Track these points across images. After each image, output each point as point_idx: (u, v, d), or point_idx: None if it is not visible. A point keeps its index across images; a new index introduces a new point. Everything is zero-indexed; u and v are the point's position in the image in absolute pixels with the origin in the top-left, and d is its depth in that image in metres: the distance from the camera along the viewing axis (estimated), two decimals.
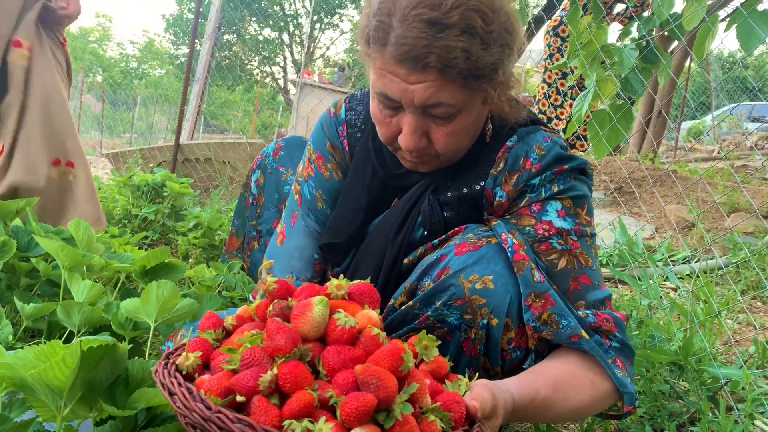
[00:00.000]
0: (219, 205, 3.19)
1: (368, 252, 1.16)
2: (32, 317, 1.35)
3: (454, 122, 1.02)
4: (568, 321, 0.99)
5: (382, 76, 0.99)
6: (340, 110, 1.29)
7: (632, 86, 2.51)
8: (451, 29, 0.92)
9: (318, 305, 0.80)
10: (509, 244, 1.01)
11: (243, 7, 12.14)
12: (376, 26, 0.97)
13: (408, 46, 0.93)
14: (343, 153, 1.29)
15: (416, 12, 0.92)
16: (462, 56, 0.93)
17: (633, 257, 2.67)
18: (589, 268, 1.06)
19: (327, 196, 1.29)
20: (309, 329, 0.79)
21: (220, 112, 13.35)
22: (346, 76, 9.62)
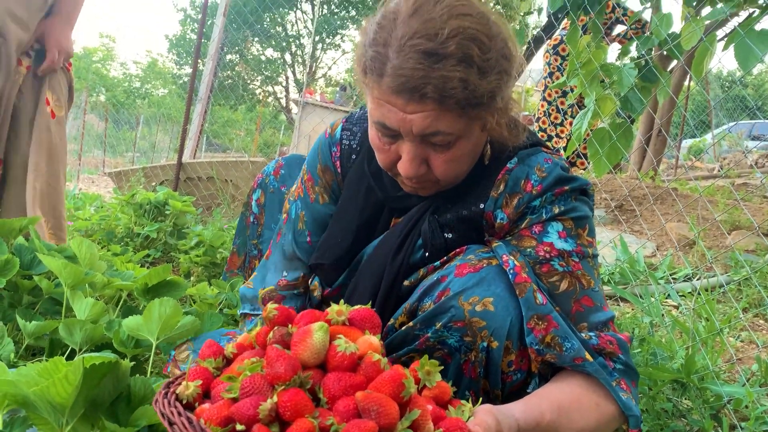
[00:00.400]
0: (221, 224, 3.20)
1: (367, 273, 1.15)
2: (34, 335, 1.35)
3: (453, 149, 1.02)
4: (571, 343, 0.98)
5: (380, 106, 0.99)
6: (335, 130, 1.29)
7: (632, 105, 2.53)
8: (447, 59, 0.92)
9: (318, 331, 0.80)
10: (510, 266, 1.01)
11: (246, 27, 12.25)
12: (372, 56, 0.97)
13: (405, 77, 0.93)
14: (335, 174, 1.28)
15: (412, 42, 0.92)
16: (459, 86, 0.93)
17: (634, 275, 2.67)
18: (591, 289, 1.06)
19: (308, 218, 1.29)
20: (309, 356, 0.79)
21: (223, 131, 13.43)
22: (348, 95, 9.67)
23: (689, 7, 2.81)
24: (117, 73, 30.66)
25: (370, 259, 1.17)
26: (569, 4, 2.94)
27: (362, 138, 1.26)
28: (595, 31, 3.02)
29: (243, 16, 10.97)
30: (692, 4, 2.76)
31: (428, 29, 0.92)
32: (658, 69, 2.55)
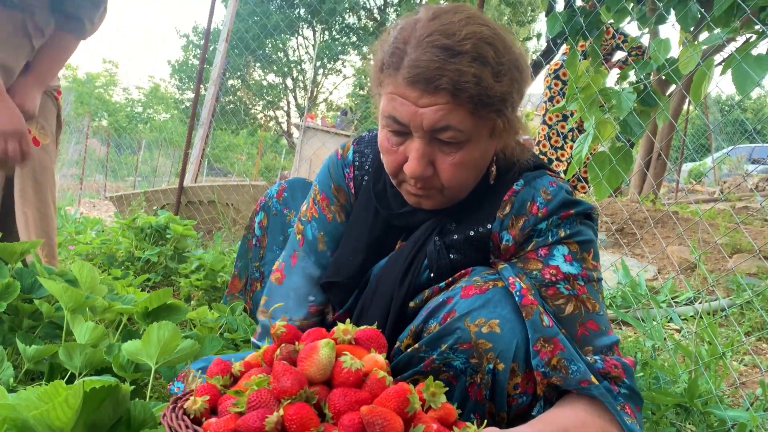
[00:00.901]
0: (222, 247, 3.20)
1: (376, 295, 1.15)
2: (34, 359, 1.35)
3: (461, 152, 1.03)
4: (577, 366, 0.98)
5: (393, 100, 1.02)
6: (347, 152, 1.31)
7: (631, 129, 2.54)
8: (463, 55, 0.96)
9: (324, 348, 0.81)
10: (517, 288, 1.01)
11: (248, 53, 12.39)
12: (391, 53, 1.02)
13: (421, 69, 0.97)
14: (349, 195, 1.30)
15: (431, 39, 0.97)
16: (473, 81, 0.96)
17: (636, 298, 2.67)
18: (596, 313, 1.06)
19: (328, 238, 1.29)
20: (315, 372, 0.80)
21: (224, 155, 13.49)
22: (349, 119, 9.74)
23: (686, 33, 2.84)
24: (119, 98, 30.93)
25: (378, 283, 1.17)
26: (568, 29, 2.97)
27: (373, 159, 1.28)
28: (594, 56, 3.05)
29: (245, 42, 11.10)
30: (689, 30, 2.79)
31: (446, 29, 0.98)
32: (656, 93, 2.57)
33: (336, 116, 13.09)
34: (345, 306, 1.23)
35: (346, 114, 10.68)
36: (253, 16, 14.41)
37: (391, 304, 1.12)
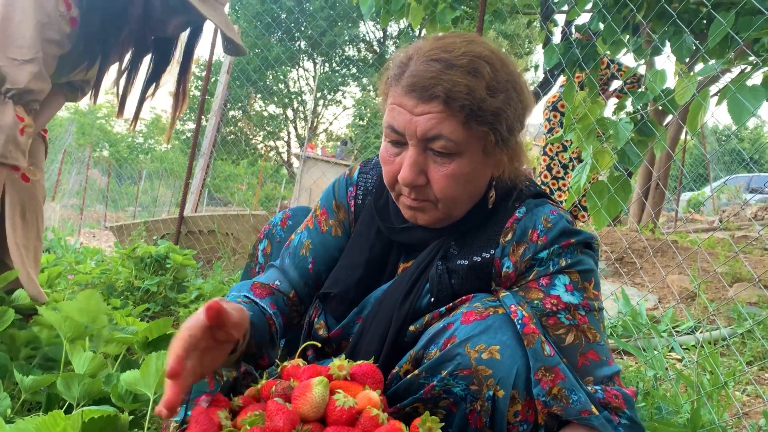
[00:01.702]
0: (221, 277, 3.20)
1: (376, 318, 1.15)
2: (31, 389, 1.34)
3: (453, 163, 1.07)
4: (578, 396, 0.97)
5: (392, 110, 1.08)
6: (354, 172, 1.36)
7: (629, 158, 2.57)
8: (459, 68, 1.02)
9: (318, 386, 0.82)
10: (519, 316, 1.01)
11: (249, 84, 12.53)
12: (397, 66, 1.09)
13: (417, 78, 1.03)
14: (348, 213, 1.33)
15: (431, 53, 1.05)
16: (465, 91, 1.01)
17: (637, 328, 2.65)
18: (597, 343, 1.06)
19: (314, 246, 1.32)
20: (309, 409, 0.81)
21: (225, 185, 13.53)
22: (348, 149, 9.81)
23: (682, 64, 2.88)
24: (121, 128, 31.12)
25: (379, 304, 1.17)
26: (565, 61, 3.02)
27: (376, 181, 1.32)
28: (591, 86, 3.09)
29: (246, 74, 11.23)
30: (685, 61, 2.83)
31: (446, 47, 1.05)
32: (653, 123, 2.60)
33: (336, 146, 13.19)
34: (341, 323, 1.22)
35: (346, 144, 10.76)
36: (255, 49, 14.61)
37: (390, 325, 1.12)
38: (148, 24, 1.78)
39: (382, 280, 1.23)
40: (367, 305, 1.20)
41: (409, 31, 15.00)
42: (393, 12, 4.31)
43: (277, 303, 1.26)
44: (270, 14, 16.73)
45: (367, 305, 1.20)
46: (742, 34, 2.28)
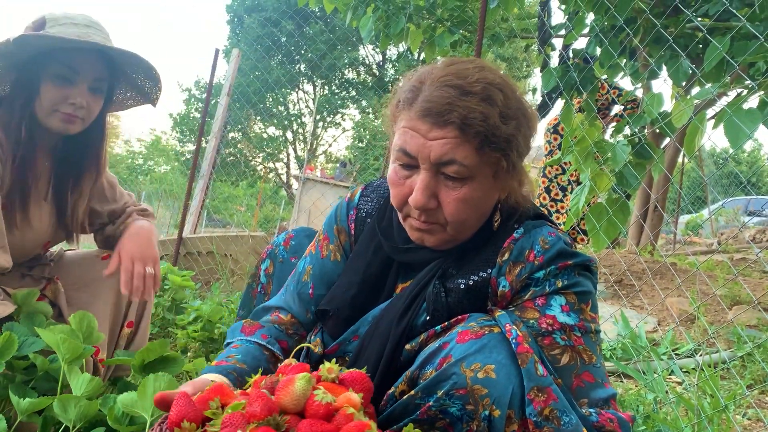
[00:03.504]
0: (219, 298, 3.19)
1: (374, 335, 1.16)
2: (27, 412, 1.33)
3: (464, 188, 1.08)
4: (569, 418, 0.96)
5: (405, 133, 1.09)
6: (355, 195, 1.38)
7: (627, 181, 2.58)
8: (473, 95, 1.04)
9: (300, 381, 0.86)
10: (513, 335, 1.01)
11: (249, 107, 12.60)
12: (409, 90, 1.10)
13: (432, 103, 1.05)
14: (348, 236, 1.35)
15: (445, 79, 1.06)
16: (480, 118, 1.03)
17: (637, 350, 2.64)
18: (593, 365, 1.05)
19: (315, 271, 1.34)
20: (289, 401, 0.85)
21: (224, 206, 13.53)
22: (347, 171, 9.85)
23: (678, 87, 2.91)
24: (121, 150, 31.21)
25: (377, 322, 1.17)
26: (562, 84, 3.05)
27: (377, 203, 1.33)
28: (589, 110, 3.11)
29: (246, 96, 11.30)
30: (681, 85, 2.86)
31: (460, 73, 1.07)
32: (651, 146, 2.62)
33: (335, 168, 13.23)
34: (337, 340, 1.22)
35: (345, 165, 10.80)
36: (255, 71, 14.74)
37: (387, 342, 1.12)
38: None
39: (379, 299, 1.23)
40: (364, 324, 1.20)
41: (408, 54, 15.14)
42: (392, 36, 4.36)
43: (269, 333, 1.29)
44: (270, 37, 16.89)
45: (364, 324, 1.20)
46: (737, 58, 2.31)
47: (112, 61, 1.66)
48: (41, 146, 1.68)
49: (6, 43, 1.48)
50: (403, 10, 4.29)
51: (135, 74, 1.75)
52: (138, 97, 1.83)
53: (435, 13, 4.53)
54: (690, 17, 2.71)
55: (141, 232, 1.73)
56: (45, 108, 1.58)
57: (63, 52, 1.56)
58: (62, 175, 1.74)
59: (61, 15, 1.59)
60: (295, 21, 15.13)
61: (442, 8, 4.50)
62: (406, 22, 4.24)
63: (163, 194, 15.76)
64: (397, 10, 4.30)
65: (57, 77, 1.56)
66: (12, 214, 1.60)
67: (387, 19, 4.31)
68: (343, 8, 4.50)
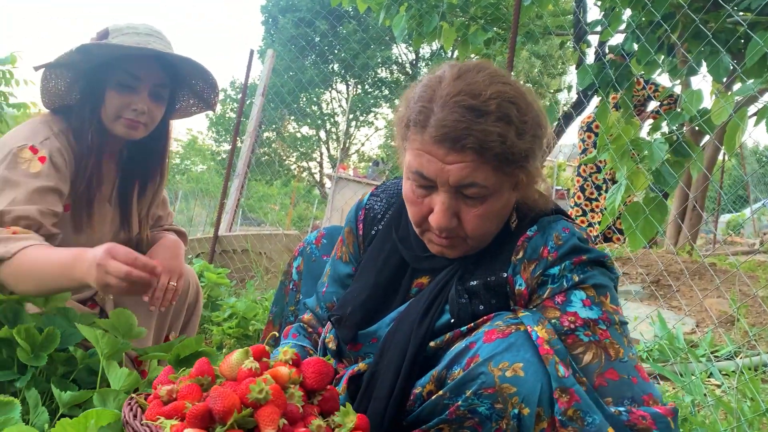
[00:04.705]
0: (254, 296, 3.23)
1: (395, 336, 1.16)
2: (69, 405, 1.37)
3: (484, 205, 1.07)
4: (593, 418, 0.94)
5: (419, 156, 1.06)
6: (365, 196, 1.40)
7: (664, 179, 2.53)
8: (489, 115, 1.01)
9: (237, 353, 1.00)
10: (534, 337, 1.00)
11: (283, 106, 12.71)
12: (418, 111, 1.06)
13: (448, 128, 1.02)
14: (356, 237, 1.37)
15: (457, 99, 1.02)
16: (498, 140, 1.01)
17: (674, 352, 2.59)
18: (620, 360, 1.02)
19: (331, 272, 1.40)
20: (225, 368, 1.00)
21: (258, 205, 13.69)
22: (380, 169, 9.86)
23: (719, 84, 2.84)
24: None
25: (398, 324, 1.17)
26: (598, 81, 3.00)
27: (387, 205, 1.34)
28: (625, 106, 3.06)
29: (281, 96, 11.39)
30: (721, 81, 2.79)
31: (472, 89, 1.03)
32: (689, 144, 2.56)
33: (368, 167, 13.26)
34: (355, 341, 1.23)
35: (378, 164, 10.82)
36: (289, 72, 14.86)
37: (409, 344, 1.12)
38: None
39: (393, 304, 1.23)
40: (383, 326, 1.20)
41: (441, 52, 15.10)
42: (425, 34, 4.36)
43: (297, 332, 1.39)
44: (304, 38, 17.01)
45: (383, 326, 1.20)
46: None
47: (172, 68, 1.70)
48: (107, 151, 1.73)
49: (69, 53, 1.53)
50: (436, 9, 4.28)
51: (194, 80, 1.79)
52: (200, 104, 1.88)
53: (468, 11, 4.51)
54: (730, 12, 2.64)
55: (170, 245, 1.79)
56: (110, 114, 1.63)
57: (125, 61, 1.61)
58: (127, 180, 1.80)
59: (124, 25, 1.64)
60: (329, 21, 15.21)
61: (475, 6, 4.48)
62: (439, 20, 4.23)
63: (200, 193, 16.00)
64: (430, 9, 4.30)
65: (120, 85, 1.61)
66: (79, 217, 1.67)
67: (420, 17, 4.31)
68: (376, 7, 4.51)
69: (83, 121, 1.63)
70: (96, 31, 1.66)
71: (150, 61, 1.64)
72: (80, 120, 1.64)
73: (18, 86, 8.08)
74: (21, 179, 1.52)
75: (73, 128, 1.65)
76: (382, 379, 1.12)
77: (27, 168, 1.53)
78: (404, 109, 1.12)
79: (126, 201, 1.81)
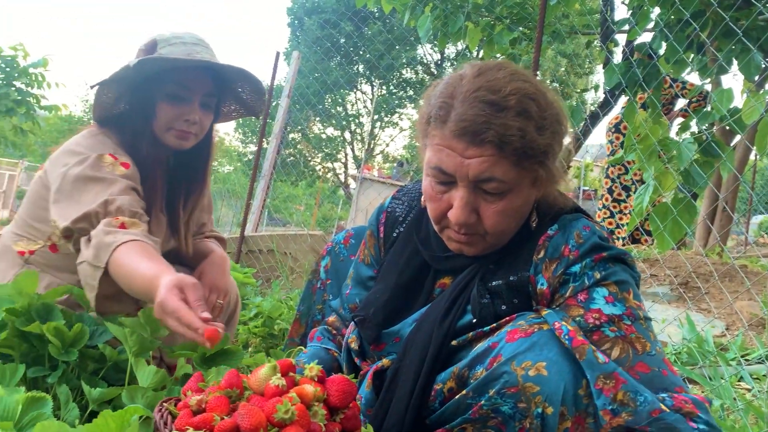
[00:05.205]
0: (279, 295, 3.25)
1: (417, 336, 1.16)
2: (98, 401, 1.39)
3: (503, 201, 1.08)
4: (644, 396, 0.93)
5: (439, 151, 1.08)
6: (386, 199, 1.42)
7: (693, 180, 2.49)
8: (509, 110, 1.02)
9: (266, 368, 1.01)
10: (565, 332, 0.99)
11: (308, 108, 12.79)
12: (439, 106, 1.07)
13: (468, 122, 1.03)
14: (376, 239, 1.38)
15: (477, 94, 1.03)
16: (518, 135, 1.02)
17: (703, 355, 2.55)
18: (647, 353, 1.01)
19: (354, 274, 1.42)
20: (254, 382, 1.01)
21: (284, 205, 13.78)
22: (405, 170, 9.87)
23: (750, 82, 2.79)
24: None
25: (420, 324, 1.18)
26: (625, 81, 2.97)
27: (408, 208, 1.35)
28: (653, 106, 3.02)
29: (306, 98, 11.46)
30: (753, 80, 2.74)
31: (492, 85, 1.04)
32: (719, 144, 2.52)
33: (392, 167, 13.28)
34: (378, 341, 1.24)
35: (402, 165, 10.83)
36: (314, 73, 14.94)
37: (430, 343, 1.12)
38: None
39: (415, 305, 1.24)
40: (405, 326, 1.21)
41: (467, 52, 15.05)
42: (450, 34, 4.35)
43: (322, 334, 1.41)
44: (329, 39, 17.10)
45: (405, 326, 1.21)
46: None
47: (218, 76, 1.72)
48: (157, 161, 1.76)
49: (126, 68, 1.56)
50: (461, 9, 4.27)
51: (240, 87, 1.81)
52: (241, 110, 1.90)
53: (494, 11, 4.49)
54: (761, 9, 2.60)
55: (220, 263, 1.83)
56: (161, 126, 1.66)
57: (175, 72, 1.62)
58: (174, 187, 1.82)
59: (170, 35, 1.66)
60: (354, 22, 15.25)
61: (501, 6, 4.46)
62: (464, 20, 4.22)
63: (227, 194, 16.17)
64: (455, 9, 4.29)
65: (171, 96, 1.63)
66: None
67: (445, 17, 4.30)
68: (401, 8, 4.51)
69: (137, 133, 1.66)
70: (143, 43, 1.68)
71: (199, 71, 1.65)
72: (134, 132, 1.66)
73: (49, 89, 8.29)
74: (109, 177, 1.54)
75: (126, 141, 1.67)
76: (405, 376, 1.13)
77: (112, 170, 1.56)
78: (425, 107, 1.13)
79: (173, 208, 1.83)
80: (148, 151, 1.67)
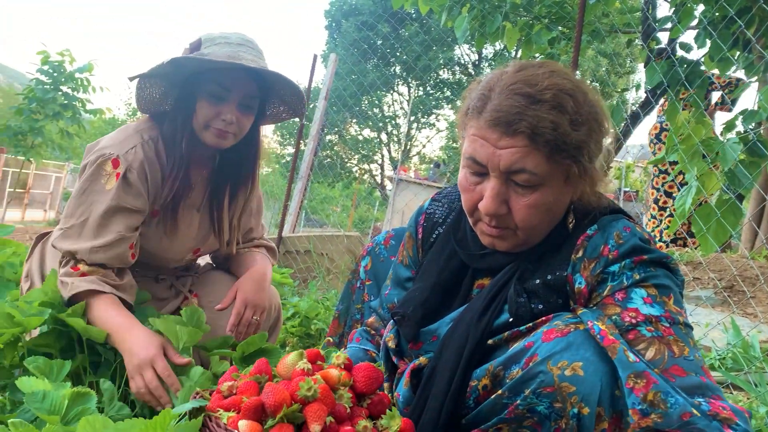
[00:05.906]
0: (316, 296, 3.28)
1: (454, 334, 1.17)
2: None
3: (534, 194, 1.08)
4: (675, 398, 0.90)
5: (474, 141, 1.10)
6: (426, 201, 1.42)
7: (739, 180, 2.43)
8: (543, 103, 1.03)
9: (293, 355, 1.06)
10: (596, 330, 0.98)
11: (345, 110, 12.87)
12: (477, 98, 1.10)
13: (502, 113, 1.05)
14: (415, 240, 1.39)
15: (514, 87, 1.06)
16: (550, 127, 1.03)
17: (748, 361, 2.48)
18: (684, 357, 0.97)
19: (393, 275, 1.43)
20: (281, 368, 1.06)
21: (321, 207, 13.90)
22: (441, 171, 9.84)
23: None
24: None
25: (457, 322, 1.18)
26: (667, 80, 2.91)
27: (448, 210, 1.36)
28: (696, 105, 2.96)
29: (343, 99, 11.55)
30: None
31: (530, 80, 1.06)
32: (765, 143, 2.46)
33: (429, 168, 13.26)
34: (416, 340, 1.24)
35: (439, 166, 10.81)
36: (351, 75, 15.01)
37: (467, 341, 1.13)
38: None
39: (453, 304, 1.24)
40: (443, 325, 1.21)
41: (505, 52, 14.95)
42: (488, 35, 4.33)
43: (361, 336, 1.44)
44: (366, 41, 17.16)
45: (443, 325, 1.21)
46: None
47: (262, 77, 1.74)
48: (199, 159, 1.80)
49: (161, 65, 1.60)
50: (498, 9, 4.24)
51: (282, 90, 1.83)
52: (289, 111, 1.92)
53: (532, 11, 4.46)
54: None
55: (258, 278, 1.81)
56: (200, 123, 1.69)
57: (216, 72, 1.65)
58: (218, 187, 1.85)
59: (217, 35, 1.70)
60: (391, 24, 15.29)
61: (539, 5, 4.42)
62: (502, 20, 4.19)
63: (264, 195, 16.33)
64: (492, 9, 4.26)
65: (211, 95, 1.66)
66: (165, 222, 1.74)
67: (482, 18, 4.28)
68: (438, 9, 4.50)
69: (175, 129, 1.70)
70: (190, 42, 1.72)
71: (240, 72, 1.68)
72: (173, 128, 1.70)
73: (94, 93, 8.51)
74: (96, 198, 1.61)
75: (165, 135, 1.71)
76: (441, 374, 1.13)
77: (104, 183, 1.62)
78: (467, 100, 1.15)
79: (216, 207, 1.85)
80: (186, 148, 1.70)
